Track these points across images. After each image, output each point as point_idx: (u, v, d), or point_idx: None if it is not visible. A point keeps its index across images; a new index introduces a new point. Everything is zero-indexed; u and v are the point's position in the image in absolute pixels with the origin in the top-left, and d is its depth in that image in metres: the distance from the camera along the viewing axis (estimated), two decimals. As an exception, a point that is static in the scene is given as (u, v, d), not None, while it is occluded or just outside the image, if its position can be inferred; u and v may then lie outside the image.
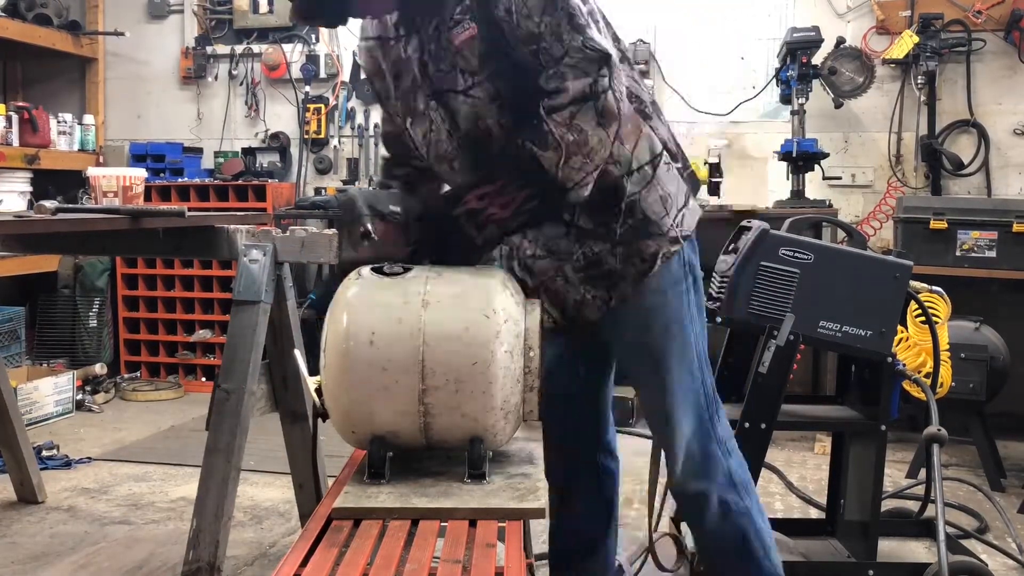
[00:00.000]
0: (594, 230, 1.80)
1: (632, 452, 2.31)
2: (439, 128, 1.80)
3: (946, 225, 4.10)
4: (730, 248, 2.44)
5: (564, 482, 2.08)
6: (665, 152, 1.82)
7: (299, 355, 1.97)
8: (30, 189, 4.96)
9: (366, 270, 1.72)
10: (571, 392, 2.05)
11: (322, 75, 5.44)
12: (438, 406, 1.65)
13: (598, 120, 1.61)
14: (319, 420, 1.78)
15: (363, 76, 1.92)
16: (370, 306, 1.66)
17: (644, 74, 4.84)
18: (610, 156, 1.71)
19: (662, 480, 2.12)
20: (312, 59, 5.43)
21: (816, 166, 4.56)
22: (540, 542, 2.58)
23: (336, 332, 1.67)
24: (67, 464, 3.81)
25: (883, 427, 2.46)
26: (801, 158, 4.48)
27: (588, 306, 1.85)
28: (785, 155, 4.51)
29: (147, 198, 3.79)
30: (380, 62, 1.87)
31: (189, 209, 2.48)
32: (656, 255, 1.80)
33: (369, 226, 1.76)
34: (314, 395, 1.75)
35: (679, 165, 1.86)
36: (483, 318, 1.63)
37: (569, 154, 1.61)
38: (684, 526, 2.50)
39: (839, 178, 4.78)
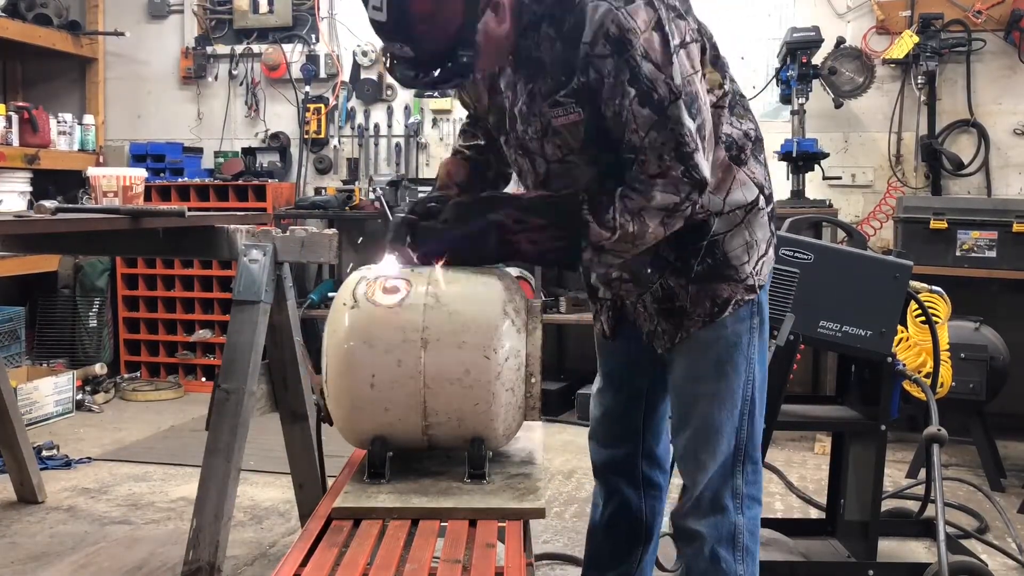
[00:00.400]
0: (673, 263, 1.76)
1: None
2: (524, 170, 1.83)
3: (946, 225, 4.10)
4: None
5: (602, 479, 2.08)
6: (762, 197, 1.77)
7: (299, 346, 1.97)
8: (30, 189, 4.96)
9: (361, 292, 1.69)
10: (617, 393, 2.02)
11: (322, 75, 5.43)
12: (440, 432, 1.69)
13: (662, 223, 1.61)
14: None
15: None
16: (368, 345, 1.65)
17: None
18: (700, 207, 1.68)
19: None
20: (312, 59, 5.43)
21: (816, 166, 4.55)
22: (540, 542, 2.59)
23: (337, 372, 1.67)
24: (67, 464, 3.81)
25: (883, 427, 2.46)
26: (801, 158, 4.48)
27: (658, 338, 1.84)
28: (785, 155, 4.51)
29: (147, 198, 3.79)
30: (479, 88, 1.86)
31: (189, 209, 2.48)
32: (729, 301, 1.75)
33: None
34: (317, 398, 1.77)
35: (770, 208, 1.80)
36: (484, 360, 1.63)
37: (621, 239, 1.62)
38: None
39: (839, 178, 4.78)
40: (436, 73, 1.62)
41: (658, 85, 1.56)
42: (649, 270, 1.79)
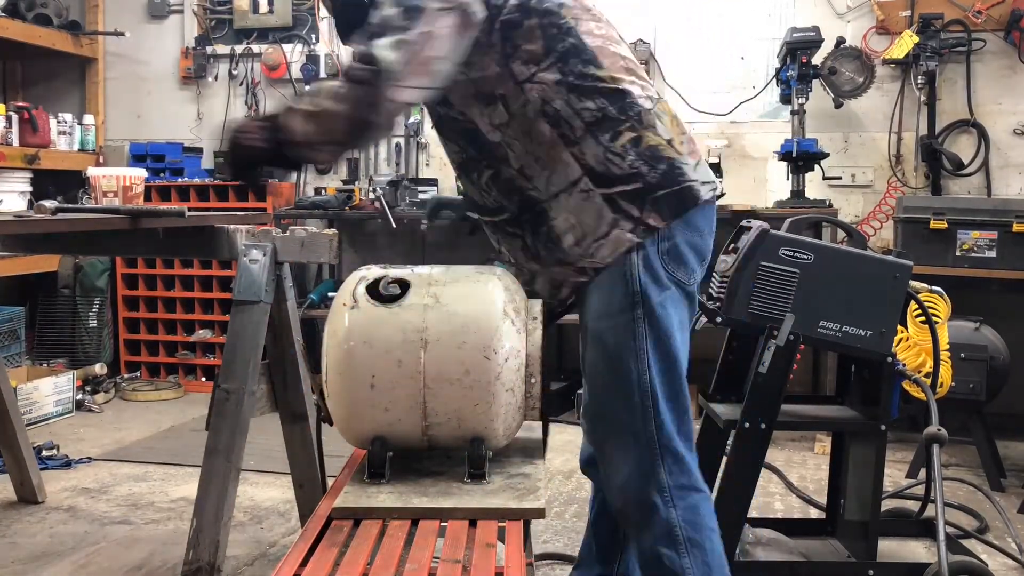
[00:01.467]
0: (532, 249, 1.80)
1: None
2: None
3: (946, 225, 4.10)
4: (730, 248, 2.44)
5: (588, 475, 2.08)
6: (585, 179, 1.72)
7: (299, 348, 1.98)
8: (30, 189, 4.96)
9: (361, 291, 1.69)
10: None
11: (322, 75, 5.42)
12: (440, 432, 1.69)
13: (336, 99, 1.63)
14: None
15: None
16: (368, 345, 1.65)
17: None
18: (524, 175, 1.73)
19: None
20: (312, 59, 5.43)
21: (816, 166, 4.55)
22: (540, 542, 2.59)
23: (337, 372, 1.67)
24: (67, 464, 3.81)
25: (883, 427, 2.46)
26: (801, 158, 4.48)
27: (548, 316, 1.85)
28: (785, 155, 4.51)
29: (147, 198, 3.79)
30: None
31: (189, 209, 2.48)
32: (562, 283, 1.78)
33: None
34: (316, 398, 1.77)
35: (619, 189, 1.72)
36: (483, 360, 1.63)
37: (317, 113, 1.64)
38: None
39: (839, 178, 4.77)
40: None
41: None
42: (521, 255, 1.82)
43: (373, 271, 1.75)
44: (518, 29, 1.71)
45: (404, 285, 1.70)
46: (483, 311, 1.65)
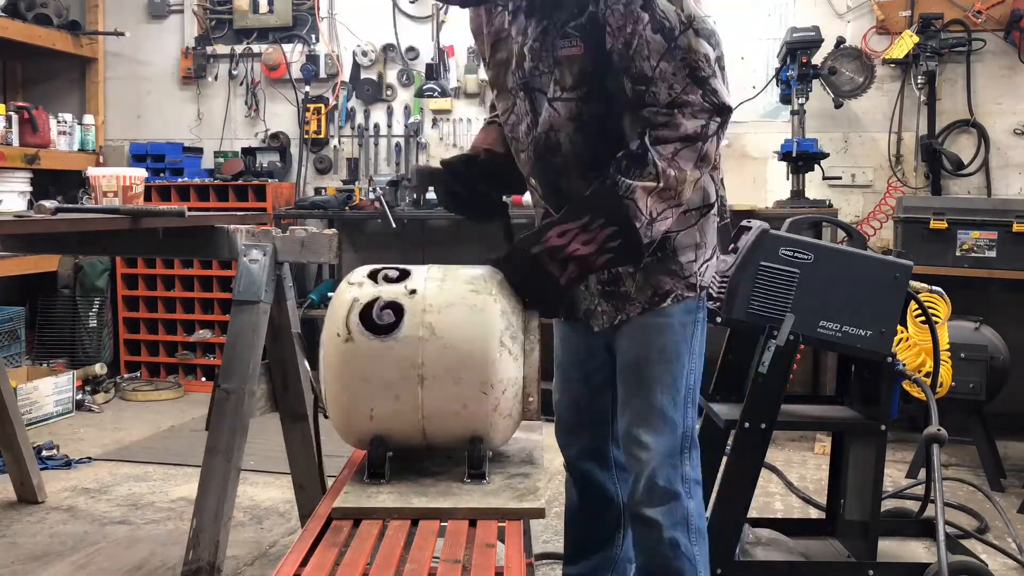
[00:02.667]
0: None
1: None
2: (520, 116, 1.84)
3: (946, 225, 4.10)
4: (730, 248, 2.44)
5: (573, 469, 2.13)
6: (716, 205, 1.86)
7: (299, 347, 1.97)
8: (30, 189, 4.96)
9: (354, 320, 1.65)
10: (581, 383, 2.06)
11: (322, 75, 5.43)
12: (438, 442, 1.72)
13: (696, 163, 1.65)
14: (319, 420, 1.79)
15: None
16: (365, 382, 1.65)
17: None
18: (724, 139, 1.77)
19: None
20: (312, 59, 5.43)
21: (816, 166, 4.55)
22: (540, 542, 2.59)
23: (337, 405, 1.68)
24: (67, 464, 3.81)
25: (883, 427, 2.46)
26: (801, 158, 4.48)
27: (595, 317, 1.89)
28: (785, 155, 4.51)
29: (147, 198, 3.79)
30: (483, 25, 1.90)
31: (189, 209, 2.48)
32: (669, 294, 1.82)
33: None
34: (314, 393, 1.77)
35: (720, 221, 1.90)
36: (481, 395, 1.63)
37: (666, 188, 1.64)
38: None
39: (839, 178, 4.77)
40: None
41: (670, 14, 1.61)
42: None
43: (366, 289, 1.69)
44: None
45: (398, 311, 1.66)
46: (480, 346, 1.64)
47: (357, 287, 1.70)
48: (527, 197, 2.05)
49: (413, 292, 1.67)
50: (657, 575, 1.89)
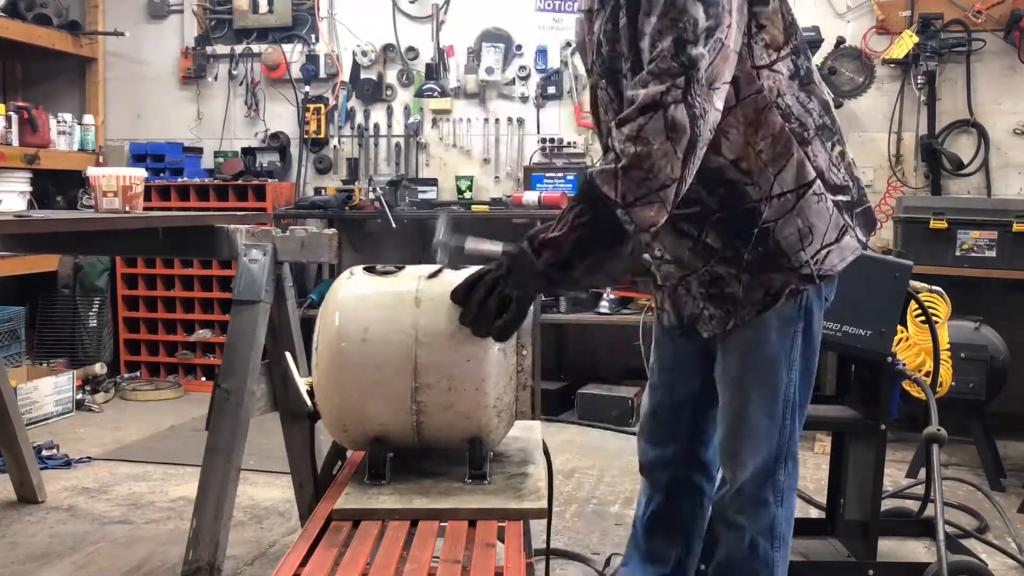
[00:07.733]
0: (721, 251, 1.73)
1: (632, 452, 2.30)
2: (605, 105, 1.76)
3: (946, 225, 4.10)
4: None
5: (647, 476, 2.08)
6: (819, 182, 1.69)
7: (290, 357, 1.96)
8: (30, 189, 4.96)
9: (358, 269, 1.72)
10: (666, 392, 2.01)
11: (322, 75, 5.43)
12: (431, 404, 1.64)
13: (667, 134, 1.48)
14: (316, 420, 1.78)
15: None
16: (363, 304, 1.66)
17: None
18: (749, 175, 1.64)
19: None
20: (312, 59, 5.43)
21: (816, 166, 4.55)
22: (540, 542, 2.58)
23: (329, 331, 1.67)
24: (67, 464, 3.81)
25: (883, 427, 2.46)
26: (801, 158, 4.48)
27: (703, 322, 1.82)
28: (785, 155, 4.50)
29: (147, 198, 3.78)
30: (584, 34, 1.83)
31: (189, 209, 2.48)
32: (782, 290, 1.71)
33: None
34: (306, 396, 1.75)
35: (840, 198, 1.73)
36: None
37: (629, 166, 1.49)
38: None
39: (839, 178, 4.77)
40: None
41: None
42: (690, 254, 1.76)
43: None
44: (764, 6, 1.62)
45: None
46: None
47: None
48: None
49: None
50: (733, 572, 1.89)
